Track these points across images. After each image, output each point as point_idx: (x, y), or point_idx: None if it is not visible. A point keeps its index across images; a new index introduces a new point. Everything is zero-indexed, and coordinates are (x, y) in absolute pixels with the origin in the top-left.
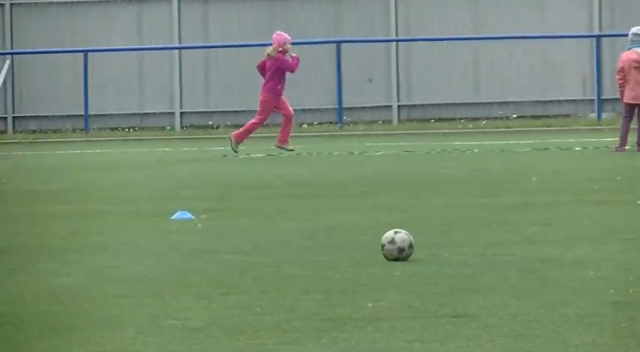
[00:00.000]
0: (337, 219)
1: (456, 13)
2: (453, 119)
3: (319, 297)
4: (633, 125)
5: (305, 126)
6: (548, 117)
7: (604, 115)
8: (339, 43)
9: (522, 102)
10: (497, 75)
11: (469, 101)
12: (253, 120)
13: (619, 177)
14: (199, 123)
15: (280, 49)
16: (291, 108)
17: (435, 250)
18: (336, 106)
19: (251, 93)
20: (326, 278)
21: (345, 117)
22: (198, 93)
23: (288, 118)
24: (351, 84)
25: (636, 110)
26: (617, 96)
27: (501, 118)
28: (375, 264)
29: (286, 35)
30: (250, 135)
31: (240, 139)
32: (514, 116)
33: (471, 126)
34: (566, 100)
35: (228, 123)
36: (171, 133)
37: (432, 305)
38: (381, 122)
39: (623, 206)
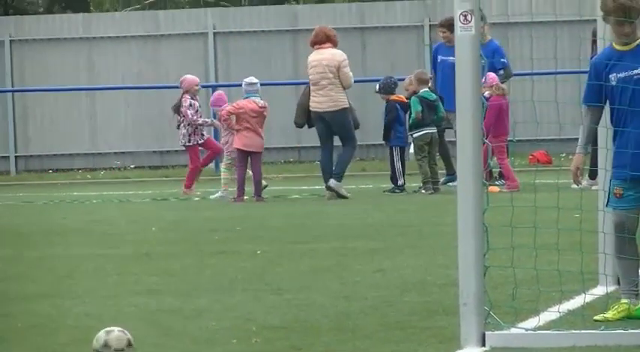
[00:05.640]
0: None
1: (71, 62)
2: (71, 169)
3: None
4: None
5: None
6: (166, 167)
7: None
8: None
9: (139, 153)
10: (114, 125)
11: (86, 151)
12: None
13: (238, 227)
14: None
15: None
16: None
17: (57, 301)
18: None
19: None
20: None
21: None
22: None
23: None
24: None
25: (249, 158)
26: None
27: (119, 169)
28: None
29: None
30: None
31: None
32: (132, 166)
33: (89, 176)
34: (183, 151)
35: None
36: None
37: None
38: None
39: (243, 256)
